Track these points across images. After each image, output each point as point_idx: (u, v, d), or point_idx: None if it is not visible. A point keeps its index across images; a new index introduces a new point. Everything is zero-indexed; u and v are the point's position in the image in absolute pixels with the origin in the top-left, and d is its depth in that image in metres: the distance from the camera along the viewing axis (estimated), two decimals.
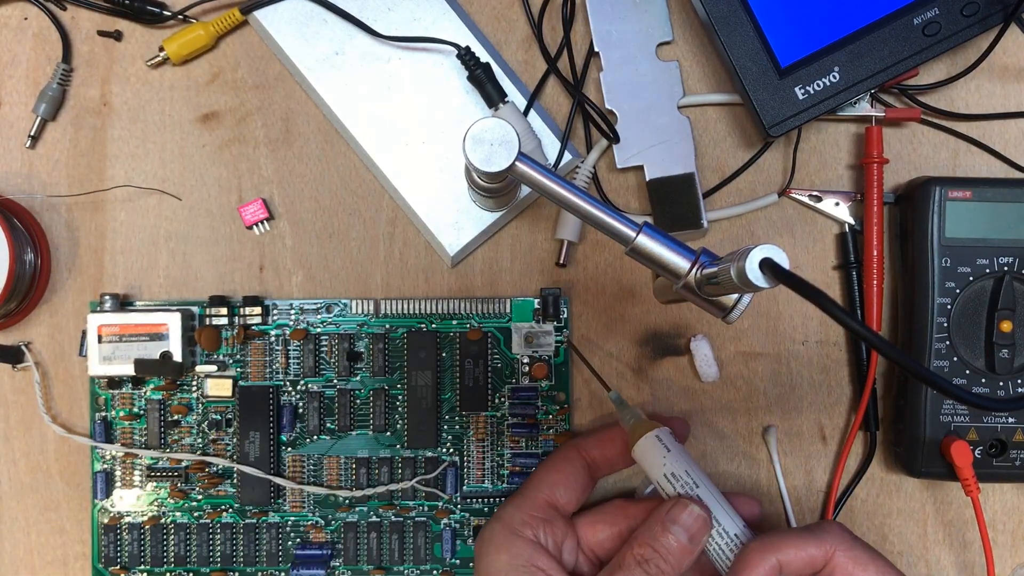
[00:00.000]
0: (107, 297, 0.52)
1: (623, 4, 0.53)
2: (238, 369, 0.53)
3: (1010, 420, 0.50)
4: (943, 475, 0.51)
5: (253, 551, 0.53)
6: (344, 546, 0.53)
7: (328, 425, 0.53)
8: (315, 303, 0.53)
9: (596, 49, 0.53)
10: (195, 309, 0.53)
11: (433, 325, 0.53)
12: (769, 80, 0.49)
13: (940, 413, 0.50)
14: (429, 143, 0.52)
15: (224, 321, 0.52)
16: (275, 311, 0.53)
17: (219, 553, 0.52)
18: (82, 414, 0.53)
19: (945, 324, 0.50)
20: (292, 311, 0.53)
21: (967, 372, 0.50)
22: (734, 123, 0.54)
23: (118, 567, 0.52)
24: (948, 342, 0.50)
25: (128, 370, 0.51)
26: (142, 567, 0.52)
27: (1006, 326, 0.50)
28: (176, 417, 0.52)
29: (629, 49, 0.53)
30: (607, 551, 0.48)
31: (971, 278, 0.50)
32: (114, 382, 0.52)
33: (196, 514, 0.53)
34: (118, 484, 0.53)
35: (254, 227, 0.54)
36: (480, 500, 0.53)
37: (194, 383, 0.53)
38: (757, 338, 0.54)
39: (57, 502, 0.54)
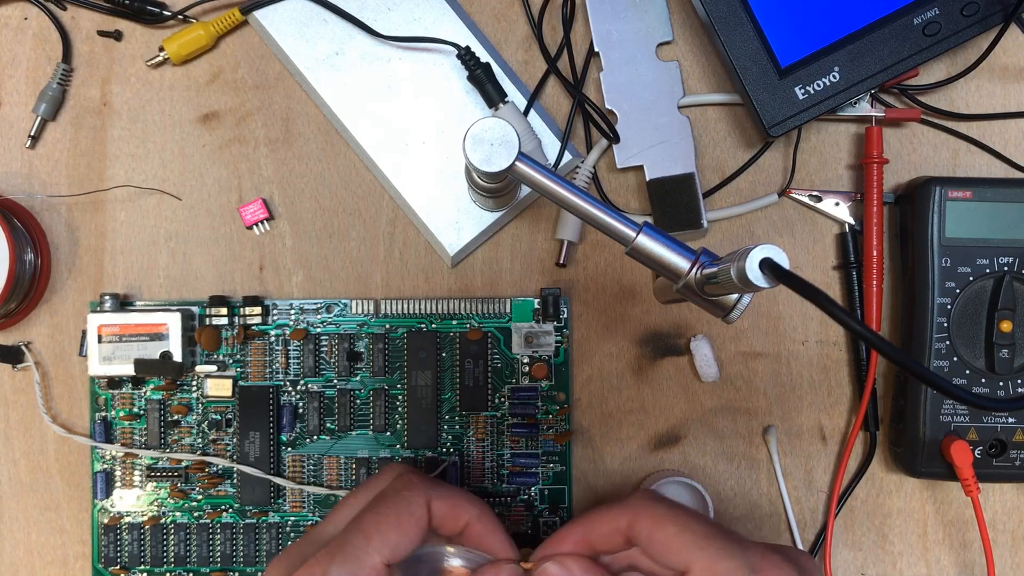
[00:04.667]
0: (107, 297, 0.52)
1: (623, 4, 0.53)
2: (238, 369, 0.53)
3: (1010, 420, 0.50)
4: (943, 475, 0.51)
5: (253, 551, 0.53)
6: None
7: (328, 425, 0.53)
8: (315, 303, 0.53)
9: (596, 49, 0.53)
10: (195, 309, 0.53)
11: (433, 325, 0.53)
12: (769, 80, 0.50)
13: (940, 413, 0.50)
14: (429, 143, 0.52)
15: (224, 321, 0.52)
16: (275, 311, 0.53)
17: (219, 553, 0.52)
18: (82, 414, 0.53)
19: (945, 324, 0.50)
20: (292, 311, 0.53)
21: (967, 372, 0.50)
22: (734, 123, 0.54)
23: (118, 567, 0.52)
24: (948, 342, 0.50)
25: (128, 370, 0.51)
26: (142, 567, 0.52)
27: (1006, 326, 0.50)
28: (176, 417, 0.52)
29: (629, 49, 0.53)
30: None
31: (971, 278, 0.50)
32: (114, 382, 0.52)
33: (196, 514, 0.53)
34: (118, 484, 0.53)
35: (254, 227, 0.54)
36: None
37: (194, 383, 0.53)
38: (757, 338, 0.54)
39: (57, 502, 0.54)
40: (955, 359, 0.50)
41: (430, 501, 0.39)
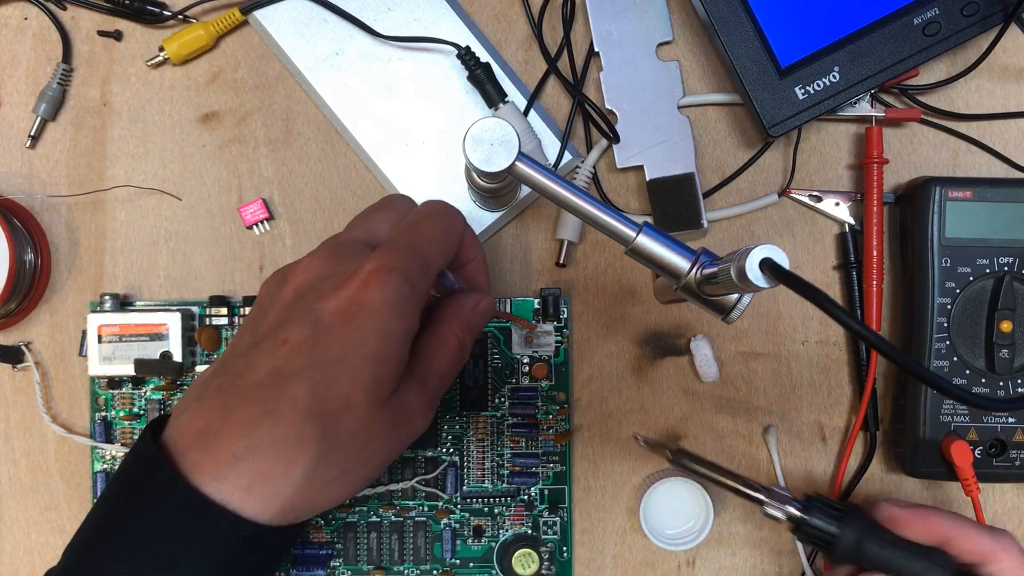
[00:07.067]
0: (107, 297, 0.52)
1: (623, 4, 0.53)
2: None
3: (1010, 420, 0.50)
4: (943, 475, 0.51)
5: None
6: (344, 546, 0.52)
7: None
8: None
9: (596, 49, 0.53)
10: (195, 309, 0.53)
11: None
12: (769, 80, 0.49)
13: (940, 413, 0.50)
14: (429, 143, 0.52)
15: (224, 321, 0.52)
16: None
17: None
18: (82, 414, 0.53)
19: (945, 324, 0.50)
20: None
21: (967, 372, 0.50)
22: (734, 123, 0.54)
23: None
24: (948, 342, 0.50)
25: (128, 370, 0.51)
26: None
27: (1006, 326, 0.50)
28: None
29: (629, 49, 0.53)
30: None
31: (971, 278, 0.50)
32: (114, 382, 0.52)
33: None
34: None
35: (254, 227, 0.54)
36: (480, 500, 0.53)
37: None
38: (757, 338, 0.54)
39: (57, 502, 0.53)
40: (955, 359, 0.50)
41: (464, 229, 0.41)
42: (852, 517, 0.43)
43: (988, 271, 0.50)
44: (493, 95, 0.51)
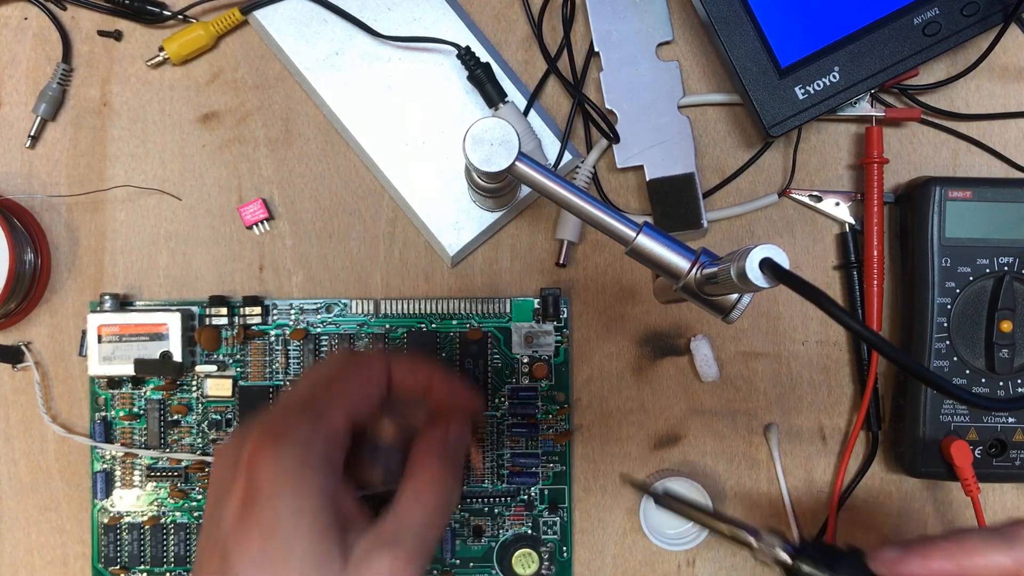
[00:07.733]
0: (107, 297, 0.52)
1: (623, 4, 0.53)
2: (238, 369, 0.53)
3: (1010, 420, 0.50)
4: (943, 475, 0.51)
5: None
6: None
7: None
8: (315, 303, 0.53)
9: (596, 49, 0.53)
10: (195, 309, 0.53)
11: (433, 325, 0.53)
12: (769, 80, 0.50)
13: (940, 413, 0.50)
14: (429, 143, 0.52)
15: (224, 321, 0.52)
16: (275, 311, 0.53)
17: None
18: (82, 414, 0.53)
19: (945, 324, 0.50)
20: (292, 311, 0.53)
21: (967, 372, 0.50)
22: (734, 123, 0.54)
23: (118, 567, 0.52)
24: (948, 342, 0.50)
25: (128, 370, 0.51)
26: (142, 567, 0.52)
27: (1006, 326, 0.50)
28: (176, 417, 0.52)
29: (629, 49, 0.53)
30: None
31: (971, 278, 0.50)
32: (114, 382, 0.52)
33: (196, 514, 0.53)
34: (118, 484, 0.53)
35: (254, 227, 0.54)
36: (480, 500, 0.53)
37: (194, 383, 0.53)
38: (757, 338, 0.54)
39: (57, 502, 0.54)
40: (955, 359, 0.50)
41: (390, 362, 0.40)
42: (847, 564, 0.39)
43: (988, 271, 0.50)
44: (493, 95, 0.51)
